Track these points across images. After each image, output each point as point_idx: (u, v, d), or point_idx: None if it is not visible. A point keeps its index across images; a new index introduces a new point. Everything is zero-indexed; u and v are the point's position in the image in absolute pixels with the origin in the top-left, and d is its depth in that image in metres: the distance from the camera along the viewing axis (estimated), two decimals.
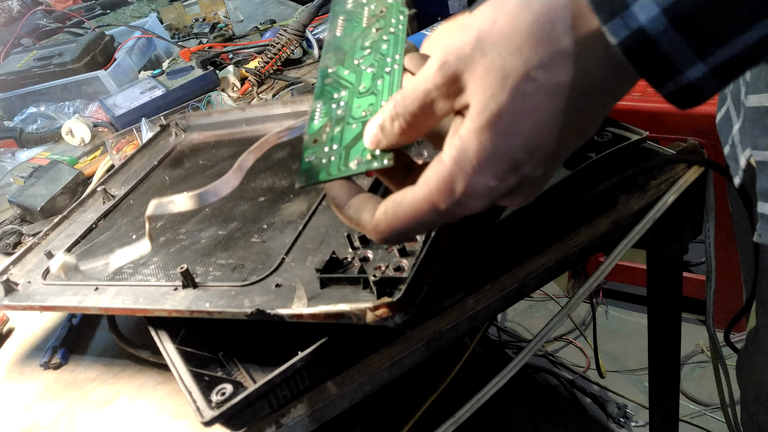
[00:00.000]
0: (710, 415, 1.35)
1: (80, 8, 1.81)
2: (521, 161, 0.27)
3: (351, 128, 0.34)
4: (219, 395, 0.44)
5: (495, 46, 0.26)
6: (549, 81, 0.26)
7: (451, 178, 0.28)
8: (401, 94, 0.30)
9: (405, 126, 0.30)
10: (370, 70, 0.36)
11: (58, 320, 0.67)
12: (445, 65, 0.28)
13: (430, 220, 0.30)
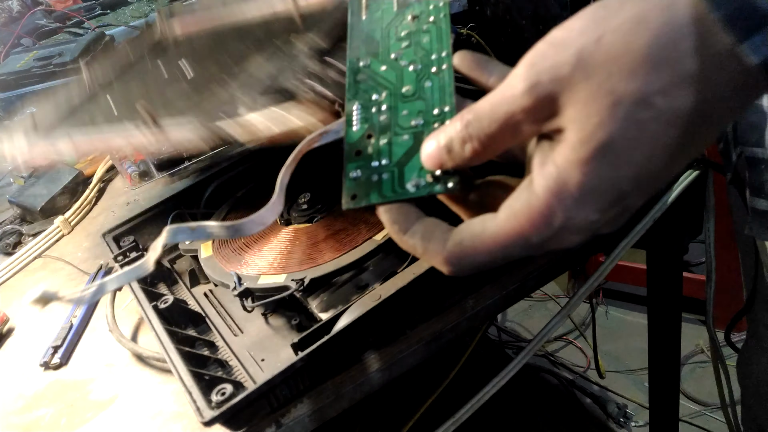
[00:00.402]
0: (710, 415, 1.35)
1: (80, 8, 1.81)
2: (627, 193, 0.25)
3: (400, 140, 0.30)
4: (219, 395, 0.44)
5: (602, 68, 0.23)
6: (670, 108, 0.23)
7: (548, 211, 0.25)
8: (475, 113, 0.26)
9: (479, 149, 0.27)
10: (412, 68, 0.32)
11: (58, 320, 0.67)
12: (538, 86, 0.24)
13: (515, 254, 0.27)
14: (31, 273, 0.80)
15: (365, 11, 0.35)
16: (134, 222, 0.69)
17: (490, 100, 0.26)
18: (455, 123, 0.27)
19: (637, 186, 0.25)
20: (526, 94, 0.24)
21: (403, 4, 0.35)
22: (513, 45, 2.23)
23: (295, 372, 0.45)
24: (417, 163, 0.29)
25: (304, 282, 0.50)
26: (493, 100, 0.26)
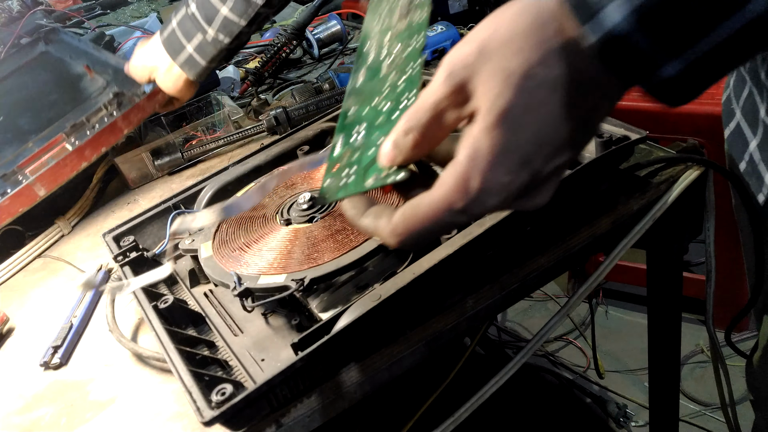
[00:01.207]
0: (710, 415, 1.35)
1: (80, 8, 1.81)
2: (531, 154, 0.29)
3: (368, 154, 0.36)
4: (219, 395, 0.44)
5: (497, 51, 0.28)
6: (548, 76, 0.28)
7: (467, 175, 0.29)
8: (413, 108, 0.32)
9: (419, 138, 0.32)
10: (387, 106, 0.38)
11: (58, 320, 0.67)
12: (451, 75, 0.30)
13: (448, 219, 0.31)
14: (31, 273, 0.80)
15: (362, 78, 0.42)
16: (134, 222, 0.69)
17: (423, 94, 0.31)
18: (401, 120, 0.32)
19: (539, 148, 0.29)
20: (444, 82, 0.30)
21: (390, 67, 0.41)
22: None
23: (295, 372, 0.45)
24: (377, 167, 0.35)
25: (304, 282, 0.50)
26: (425, 94, 0.31)
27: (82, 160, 0.83)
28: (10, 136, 0.94)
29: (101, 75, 0.98)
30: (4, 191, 0.80)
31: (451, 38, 1.08)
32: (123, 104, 0.87)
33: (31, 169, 0.83)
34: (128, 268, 0.62)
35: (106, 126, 0.84)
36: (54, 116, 0.93)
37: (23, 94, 1.05)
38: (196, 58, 0.78)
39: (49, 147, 0.85)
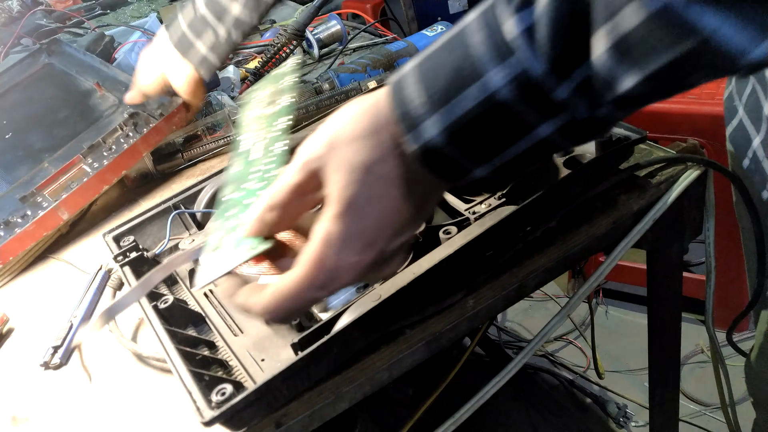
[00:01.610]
0: (710, 415, 1.35)
1: (80, 8, 1.81)
2: (375, 237, 0.34)
3: (238, 231, 0.40)
4: (219, 395, 0.44)
5: (342, 147, 0.33)
6: (385, 173, 0.33)
7: (322, 256, 0.34)
8: (274, 188, 0.37)
9: (281, 214, 0.37)
10: (258, 186, 0.43)
11: (58, 320, 0.67)
12: (305, 164, 0.35)
13: (310, 295, 0.36)
14: (31, 273, 0.80)
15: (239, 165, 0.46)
16: (134, 222, 0.69)
17: (282, 178, 0.36)
18: (265, 198, 0.37)
19: (381, 231, 0.34)
20: (299, 170, 0.35)
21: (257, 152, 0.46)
22: None
23: (295, 372, 0.45)
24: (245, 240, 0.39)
25: None
26: (282, 178, 0.36)
27: (104, 184, 0.84)
28: (22, 154, 0.94)
29: (111, 92, 0.98)
30: (24, 214, 0.80)
31: None
32: (139, 125, 0.88)
33: (50, 191, 0.83)
34: (128, 268, 0.62)
35: (126, 149, 0.85)
36: (67, 135, 0.93)
37: (30, 109, 1.05)
38: (210, 58, 0.80)
39: (67, 168, 0.85)
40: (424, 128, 0.31)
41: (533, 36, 0.28)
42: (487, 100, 0.30)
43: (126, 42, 1.35)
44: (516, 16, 0.28)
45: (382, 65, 1.02)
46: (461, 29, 0.31)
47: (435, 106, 0.31)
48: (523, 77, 0.29)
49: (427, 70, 0.31)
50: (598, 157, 0.57)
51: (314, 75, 1.12)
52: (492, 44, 0.29)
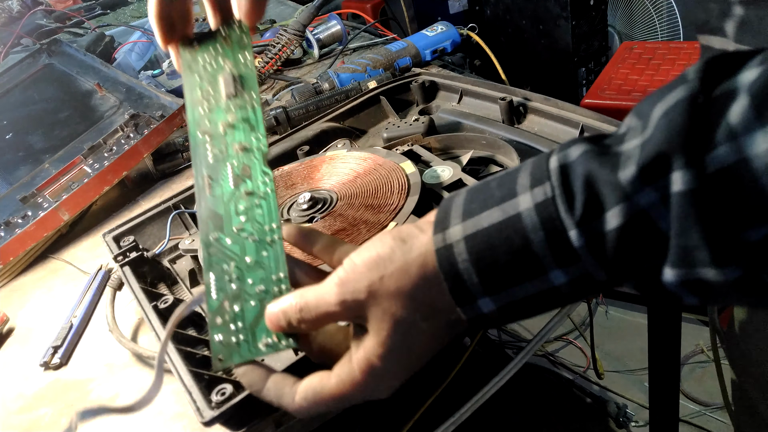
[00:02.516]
0: (710, 415, 1.35)
1: (80, 8, 1.81)
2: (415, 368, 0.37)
3: (250, 305, 0.38)
4: (219, 395, 0.44)
5: (385, 299, 0.34)
6: (431, 329, 0.35)
7: (364, 382, 0.36)
8: (305, 305, 0.36)
9: (309, 327, 0.37)
10: (251, 239, 0.39)
11: (58, 320, 0.67)
12: (344, 302, 0.35)
13: (345, 405, 0.38)
14: (31, 273, 0.80)
15: (208, 189, 0.41)
16: (134, 222, 0.70)
17: (316, 297, 0.36)
18: (292, 305, 0.37)
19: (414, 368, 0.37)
20: (338, 305, 0.35)
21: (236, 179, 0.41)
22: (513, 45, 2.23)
23: (295, 372, 0.45)
24: (265, 325, 0.38)
25: None
26: (317, 300, 0.36)
27: (105, 185, 0.84)
28: (22, 154, 0.94)
29: (112, 93, 0.98)
30: (24, 214, 0.81)
31: (451, 38, 1.08)
32: (140, 126, 0.88)
33: (50, 192, 0.84)
34: (128, 268, 0.62)
35: (126, 150, 0.85)
36: (67, 136, 0.93)
37: (31, 110, 1.05)
38: None
39: (67, 169, 0.86)
40: (478, 305, 0.33)
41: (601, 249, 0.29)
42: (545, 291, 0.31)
43: (126, 42, 1.35)
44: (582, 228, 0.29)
45: (382, 65, 1.02)
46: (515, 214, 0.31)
47: (491, 291, 0.32)
48: (586, 278, 0.30)
49: (480, 252, 0.31)
50: None
51: (314, 75, 1.12)
52: (555, 249, 0.30)
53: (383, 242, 0.35)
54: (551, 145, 0.65)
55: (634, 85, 1.46)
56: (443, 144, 0.71)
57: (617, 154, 0.28)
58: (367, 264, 0.35)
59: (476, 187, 0.34)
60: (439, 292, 0.33)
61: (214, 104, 0.43)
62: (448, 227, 0.33)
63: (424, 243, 0.34)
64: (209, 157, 0.41)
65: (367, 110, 0.83)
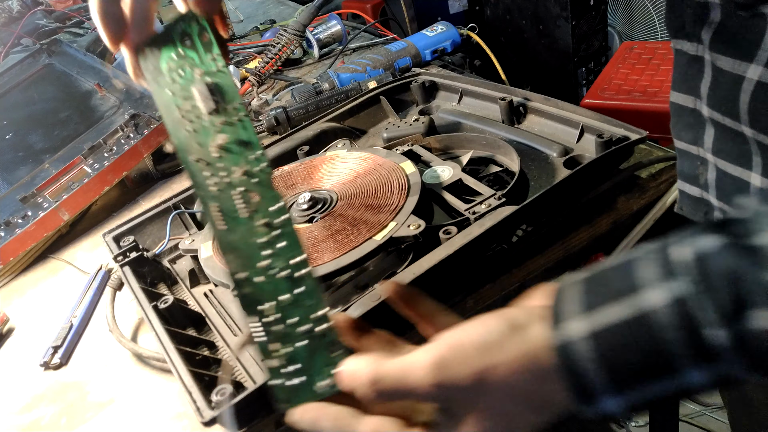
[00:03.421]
0: (710, 415, 1.35)
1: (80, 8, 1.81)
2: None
3: (301, 347, 0.36)
4: (219, 395, 0.44)
5: (496, 391, 0.31)
6: (538, 419, 0.32)
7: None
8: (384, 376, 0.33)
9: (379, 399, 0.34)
10: (281, 275, 0.36)
11: (58, 320, 0.67)
12: (440, 386, 0.32)
13: None
14: (31, 273, 0.80)
15: (222, 224, 0.37)
16: (134, 222, 0.70)
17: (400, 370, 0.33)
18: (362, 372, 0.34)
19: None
20: (432, 386, 0.32)
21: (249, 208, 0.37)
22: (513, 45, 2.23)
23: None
24: (320, 367, 0.35)
25: None
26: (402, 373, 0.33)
27: (105, 185, 0.84)
28: (23, 154, 0.94)
29: (112, 93, 0.98)
30: (24, 214, 0.81)
31: (451, 38, 1.08)
32: (140, 126, 0.88)
33: (50, 192, 0.84)
34: (128, 268, 0.62)
35: (126, 150, 0.85)
36: (67, 136, 0.93)
37: (31, 110, 1.05)
38: None
39: (67, 169, 0.86)
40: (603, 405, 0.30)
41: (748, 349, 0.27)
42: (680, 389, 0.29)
43: None
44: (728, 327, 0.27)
45: (382, 65, 1.02)
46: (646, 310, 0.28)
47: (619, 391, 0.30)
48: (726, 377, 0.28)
49: (607, 351, 0.29)
50: (598, 158, 0.57)
51: (314, 75, 1.12)
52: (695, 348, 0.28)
53: (489, 326, 0.32)
54: (551, 145, 0.65)
55: (634, 85, 1.46)
56: (443, 144, 0.71)
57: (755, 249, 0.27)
58: (476, 347, 0.32)
59: (590, 278, 0.31)
60: (554, 388, 0.31)
61: (198, 122, 0.37)
62: (565, 320, 0.30)
63: (539, 334, 0.31)
64: (213, 187, 0.37)
65: (367, 110, 0.83)
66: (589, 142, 0.62)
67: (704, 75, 0.45)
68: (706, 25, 0.42)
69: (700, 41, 0.44)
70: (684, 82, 0.48)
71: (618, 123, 0.61)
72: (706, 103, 0.46)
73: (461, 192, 0.60)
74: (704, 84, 0.45)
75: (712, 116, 0.45)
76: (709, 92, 0.45)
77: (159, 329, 0.52)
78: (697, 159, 0.49)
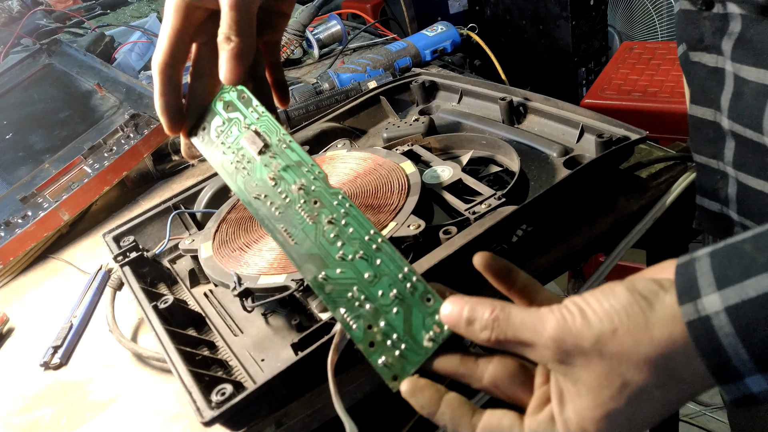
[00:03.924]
0: (710, 415, 1.35)
1: (80, 8, 1.81)
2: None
3: (393, 315, 0.36)
4: (219, 395, 0.44)
5: (616, 356, 0.30)
6: (664, 398, 0.31)
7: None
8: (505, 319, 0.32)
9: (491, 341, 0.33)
10: (359, 256, 0.38)
11: (58, 320, 0.67)
12: (562, 343, 0.31)
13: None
14: (31, 273, 0.80)
15: (291, 240, 0.40)
16: (134, 222, 0.70)
17: (522, 318, 0.32)
18: (486, 308, 0.33)
19: None
20: (551, 341, 0.31)
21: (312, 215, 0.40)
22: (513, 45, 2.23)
23: (295, 372, 0.45)
24: (419, 323, 0.35)
25: (304, 282, 0.50)
26: (522, 321, 0.32)
27: (105, 185, 0.84)
28: (23, 154, 0.94)
29: (112, 93, 0.98)
30: (24, 214, 0.81)
31: (451, 38, 1.08)
32: (140, 126, 0.88)
33: (50, 192, 0.84)
34: (128, 268, 0.62)
35: (126, 150, 0.85)
36: (67, 136, 0.93)
37: (31, 110, 1.05)
38: None
39: (67, 169, 0.86)
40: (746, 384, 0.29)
41: None
42: None
43: (126, 42, 1.35)
44: None
45: (382, 65, 1.02)
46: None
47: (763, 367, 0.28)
48: None
49: (749, 325, 0.28)
50: (598, 158, 0.57)
51: (314, 75, 1.12)
52: None
53: (616, 293, 0.31)
54: (551, 145, 0.65)
55: (634, 85, 1.46)
56: (443, 144, 0.71)
57: None
58: (599, 313, 0.31)
59: (725, 251, 0.30)
60: (686, 364, 0.30)
61: (251, 165, 0.42)
62: (700, 296, 0.29)
63: (670, 306, 0.30)
64: (275, 212, 0.41)
65: (367, 110, 0.83)
66: (589, 142, 0.62)
67: (725, 86, 0.44)
68: (726, 35, 0.42)
69: (721, 52, 0.43)
70: (703, 94, 0.47)
71: (618, 123, 0.61)
72: (726, 116, 0.45)
73: (461, 192, 0.60)
74: (725, 96, 0.44)
75: (733, 129, 0.44)
76: (731, 104, 0.44)
77: (159, 329, 0.52)
78: (717, 173, 0.49)
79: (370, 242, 0.38)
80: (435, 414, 0.35)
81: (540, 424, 0.33)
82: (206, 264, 0.58)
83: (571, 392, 0.32)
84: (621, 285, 0.32)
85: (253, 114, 0.43)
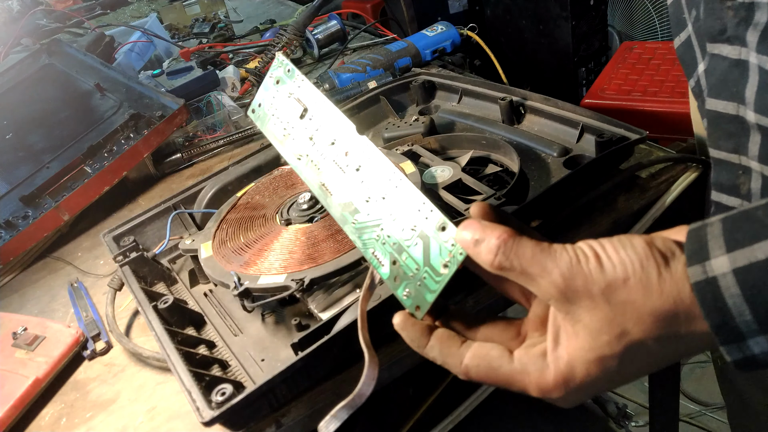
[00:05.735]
0: (710, 415, 1.35)
1: (80, 8, 1.81)
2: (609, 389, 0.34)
3: (414, 249, 0.37)
4: (219, 395, 0.44)
5: (622, 305, 0.31)
6: (658, 353, 0.31)
7: (553, 385, 0.33)
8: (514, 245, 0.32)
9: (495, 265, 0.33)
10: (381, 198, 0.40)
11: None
12: (568, 282, 0.31)
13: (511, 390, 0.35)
14: (31, 273, 0.80)
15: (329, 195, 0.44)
16: (134, 222, 0.69)
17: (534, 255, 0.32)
18: (496, 232, 0.33)
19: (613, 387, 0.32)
20: (561, 279, 0.31)
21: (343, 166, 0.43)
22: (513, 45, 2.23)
23: (295, 372, 0.45)
24: (436, 252, 0.36)
25: (304, 282, 0.50)
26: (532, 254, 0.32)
27: (105, 185, 0.84)
28: (23, 154, 0.94)
29: (112, 93, 0.98)
30: (25, 214, 0.81)
31: (451, 38, 1.08)
32: (140, 126, 0.88)
33: (51, 192, 0.84)
34: (128, 268, 0.62)
35: (126, 151, 0.85)
36: (67, 136, 0.93)
37: (31, 110, 1.05)
38: None
39: (68, 170, 0.86)
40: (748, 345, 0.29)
41: None
42: None
43: (126, 42, 1.35)
44: None
45: (382, 65, 1.02)
46: None
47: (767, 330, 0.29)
48: None
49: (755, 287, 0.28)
50: (599, 158, 0.57)
51: (314, 75, 1.12)
52: None
53: (634, 244, 0.32)
54: (551, 145, 0.65)
55: (634, 85, 1.46)
56: (443, 144, 0.71)
57: None
58: (614, 260, 0.31)
59: (736, 216, 0.30)
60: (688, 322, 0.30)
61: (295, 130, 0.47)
62: (709, 258, 0.29)
63: (681, 265, 0.30)
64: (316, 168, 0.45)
65: (367, 110, 0.83)
66: (589, 142, 0.62)
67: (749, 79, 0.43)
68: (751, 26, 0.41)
69: (744, 44, 0.42)
70: (724, 87, 0.46)
71: (618, 123, 0.61)
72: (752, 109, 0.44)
73: (461, 192, 0.60)
74: (750, 88, 0.43)
75: (760, 122, 0.44)
76: (757, 97, 0.43)
77: (159, 329, 0.52)
78: (739, 168, 0.48)
79: (390, 183, 0.39)
80: (425, 347, 0.36)
81: (531, 358, 0.33)
82: (206, 264, 0.58)
83: (569, 332, 0.32)
84: (640, 238, 0.32)
85: (295, 83, 0.47)
